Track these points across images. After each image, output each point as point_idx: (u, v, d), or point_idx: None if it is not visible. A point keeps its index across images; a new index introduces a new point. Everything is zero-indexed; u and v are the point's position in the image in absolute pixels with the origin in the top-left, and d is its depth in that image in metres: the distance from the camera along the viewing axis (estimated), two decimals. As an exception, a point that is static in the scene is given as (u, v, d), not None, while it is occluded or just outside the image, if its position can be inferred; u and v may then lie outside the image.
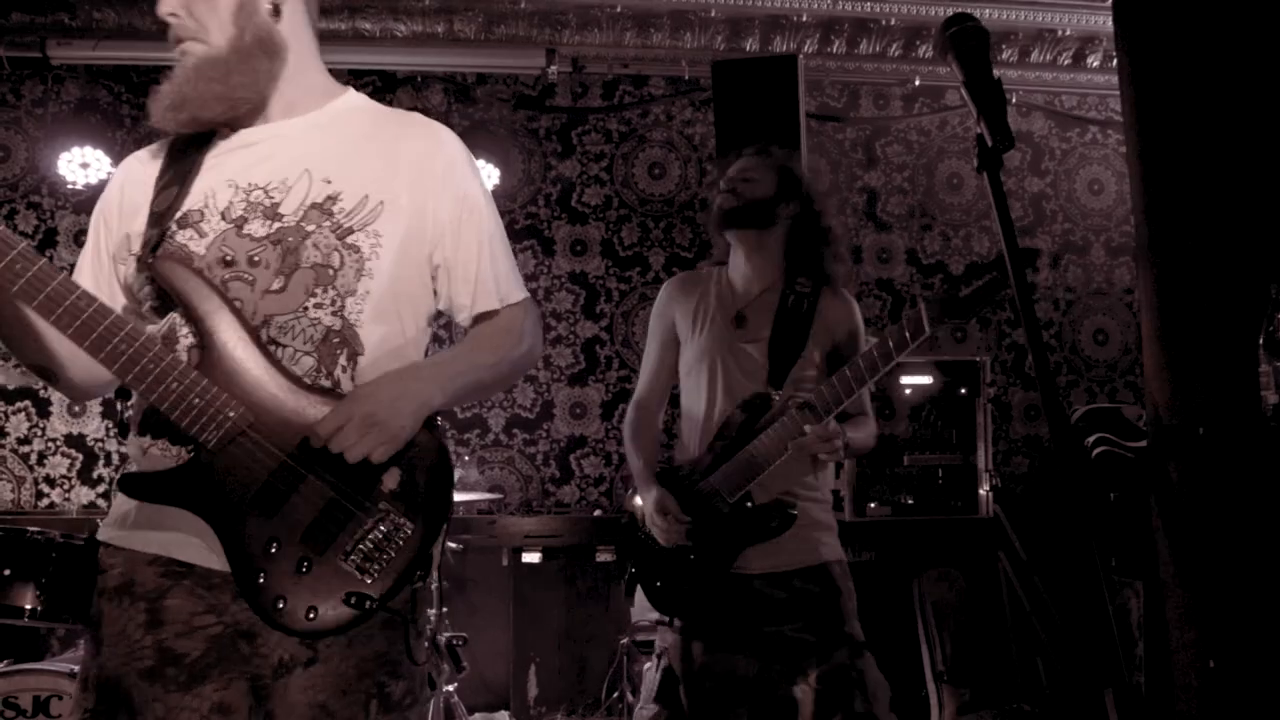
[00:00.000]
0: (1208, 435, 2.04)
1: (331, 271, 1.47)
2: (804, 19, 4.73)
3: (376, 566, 1.43)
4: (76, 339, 1.37)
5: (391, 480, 1.45)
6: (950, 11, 1.41)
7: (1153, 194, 2.20)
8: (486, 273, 1.62)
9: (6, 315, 1.45)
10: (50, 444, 4.72)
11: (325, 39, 1.66)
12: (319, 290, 1.47)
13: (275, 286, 1.46)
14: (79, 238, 4.66)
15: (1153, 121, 2.19)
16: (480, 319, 1.64)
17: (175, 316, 1.46)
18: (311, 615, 1.41)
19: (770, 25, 4.77)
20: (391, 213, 1.52)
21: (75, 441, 4.73)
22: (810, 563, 2.38)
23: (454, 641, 3.65)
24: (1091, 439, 4.24)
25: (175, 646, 1.41)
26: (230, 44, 1.50)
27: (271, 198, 1.50)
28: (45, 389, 4.71)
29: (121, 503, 1.52)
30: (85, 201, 4.63)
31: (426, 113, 5.27)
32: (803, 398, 2.28)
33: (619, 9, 4.62)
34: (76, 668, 2.83)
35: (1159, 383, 2.15)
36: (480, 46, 4.78)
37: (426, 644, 1.56)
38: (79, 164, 4.57)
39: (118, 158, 4.69)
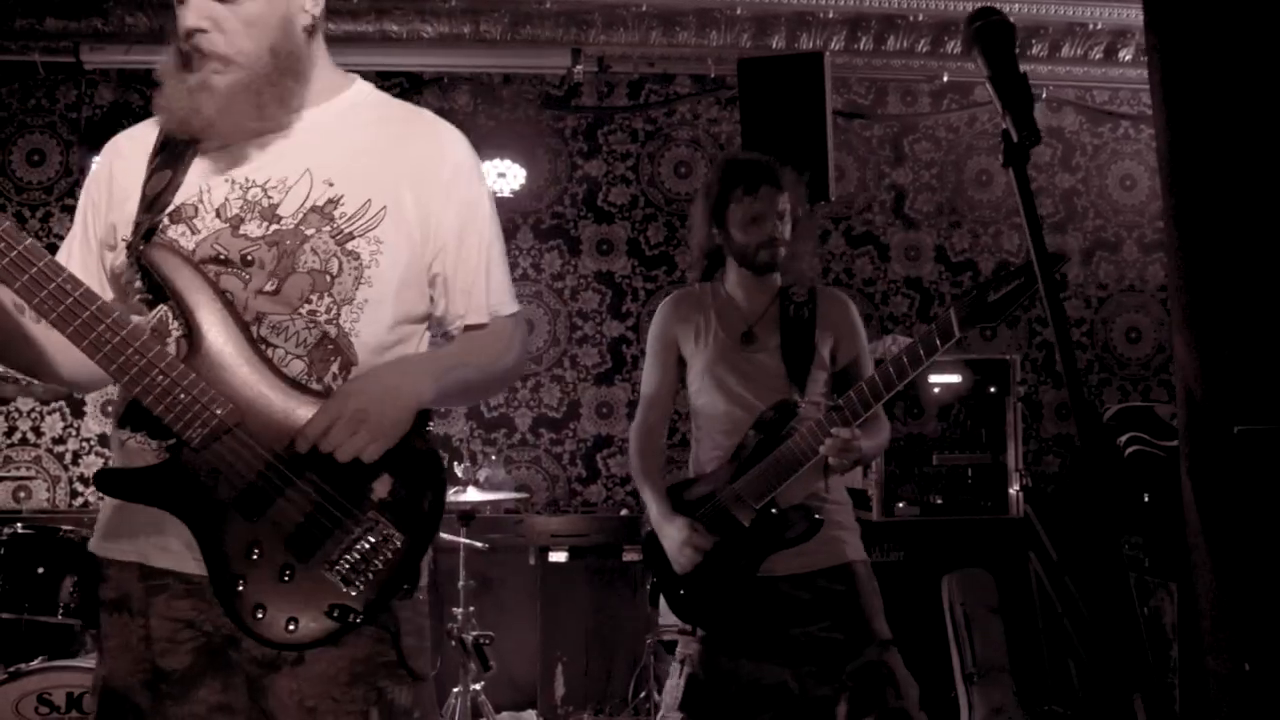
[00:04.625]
0: (1241, 434, 2.01)
1: (329, 278, 1.42)
2: (830, 15, 4.70)
3: (362, 578, 1.37)
4: (59, 325, 1.30)
5: (382, 488, 1.39)
6: (978, 6, 1.39)
7: (1182, 189, 2.17)
8: (481, 285, 1.57)
9: None
10: (84, 444, 4.78)
11: (353, 41, 1.65)
12: (314, 297, 1.42)
13: (269, 288, 1.41)
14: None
15: (1183, 116, 2.15)
16: (471, 329, 1.59)
17: (166, 308, 1.41)
18: (292, 626, 1.35)
19: (796, 22, 4.74)
20: (394, 219, 1.46)
21: (109, 441, 4.78)
22: (834, 563, 2.40)
23: (481, 640, 3.66)
24: (1124, 438, 4.19)
25: (163, 664, 1.39)
26: (263, 69, 1.42)
27: (270, 198, 1.44)
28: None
29: (104, 506, 1.49)
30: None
31: (453, 113, 5.24)
32: (833, 401, 2.29)
33: (644, 8, 4.61)
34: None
35: (1191, 381, 2.11)
36: (506, 47, 4.79)
37: (433, 654, 1.53)
38: (112, 167, 4.62)
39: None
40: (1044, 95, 5.20)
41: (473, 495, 3.77)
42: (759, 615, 2.36)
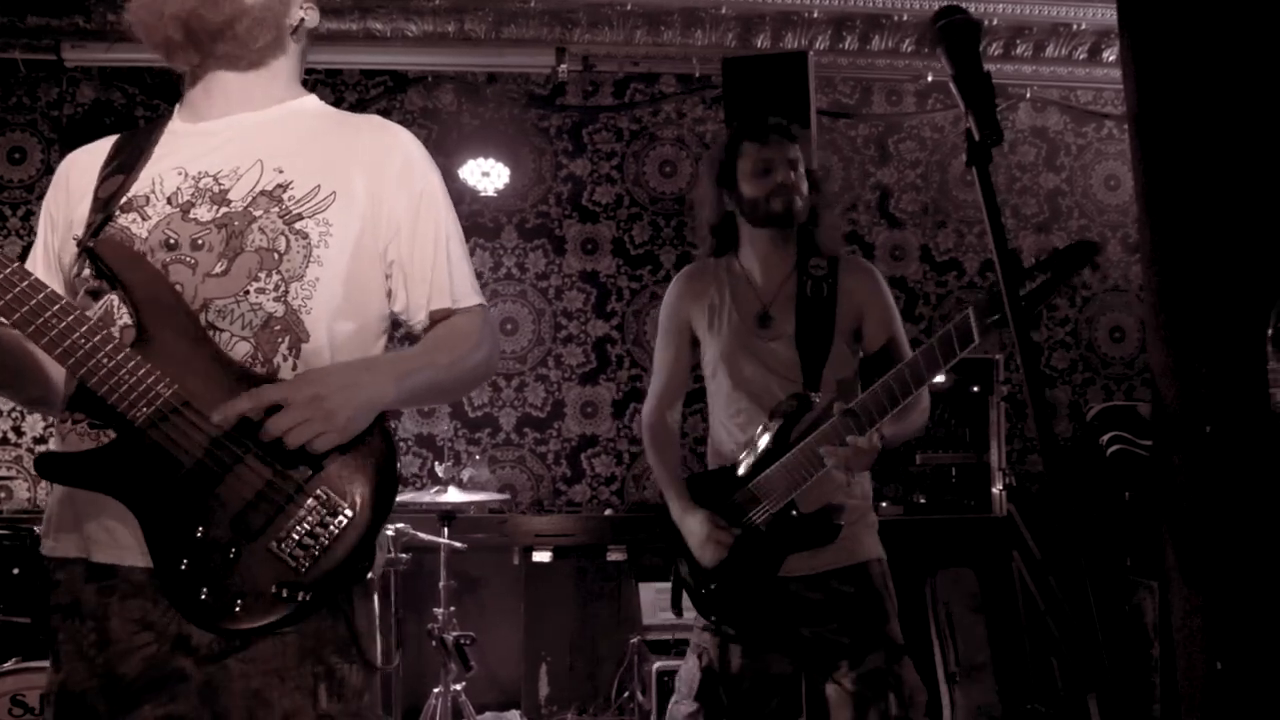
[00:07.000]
0: (1214, 433, 2.01)
1: (277, 256, 1.42)
2: (815, 15, 4.70)
3: (311, 556, 1.34)
4: (5, 313, 1.32)
5: (331, 463, 1.37)
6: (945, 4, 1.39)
7: (1156, 189, 2.17)
8: (442, 270, 1.55)
9: None
10: (66, 443, 4.75)
11: (336, 39, 1.68)
12: (263, 274, 1.42)
13: (218, 270, 1.41)
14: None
15: (1156, 117, 2.16)
16: (435, 318, 1.57)
17: (112, 298, 1.42)
18: (238, 607, 1.31)
19: (781, 22, 4.74)
20: (344, 204, 1.48)
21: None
22: (848, 562, 2.31)
23: (461, 640, 3.65)
24: (1106, 437, 4.20)
25: (116, 668, 1.36)
26: (255, 2, 1.50)
27: (220, 184, 1.46)
28: (61, 389, 4.75)
29: (49, 503, 1.48)
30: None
31: (437, 112, 5.22)
32: (845, 405, 2.14)
33: (629, 7, 4.61)
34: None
35: (1165, 380, 2.12)
36: (491, 46, 4.78)
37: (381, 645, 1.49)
38: (93, 165, 4.60)
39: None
40: (1028, 95, 5.21)
41: (456, 495, 3.75)
42: (771, 614, 2.31)
